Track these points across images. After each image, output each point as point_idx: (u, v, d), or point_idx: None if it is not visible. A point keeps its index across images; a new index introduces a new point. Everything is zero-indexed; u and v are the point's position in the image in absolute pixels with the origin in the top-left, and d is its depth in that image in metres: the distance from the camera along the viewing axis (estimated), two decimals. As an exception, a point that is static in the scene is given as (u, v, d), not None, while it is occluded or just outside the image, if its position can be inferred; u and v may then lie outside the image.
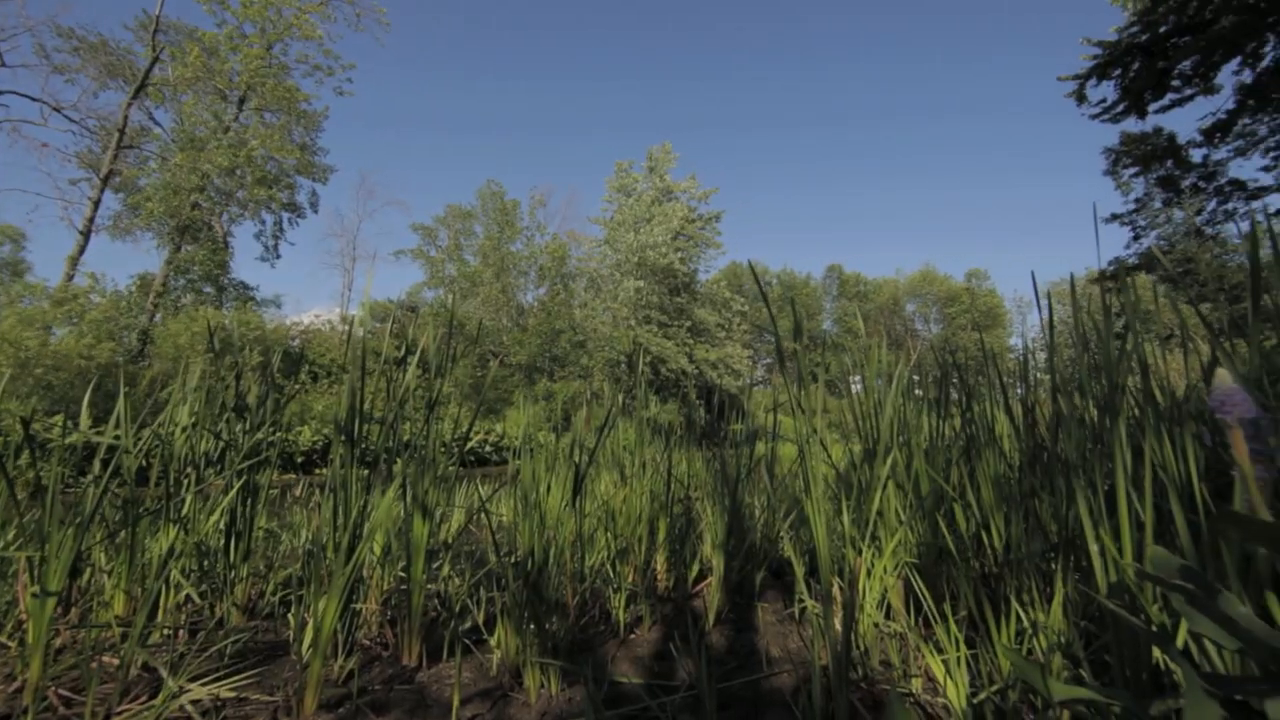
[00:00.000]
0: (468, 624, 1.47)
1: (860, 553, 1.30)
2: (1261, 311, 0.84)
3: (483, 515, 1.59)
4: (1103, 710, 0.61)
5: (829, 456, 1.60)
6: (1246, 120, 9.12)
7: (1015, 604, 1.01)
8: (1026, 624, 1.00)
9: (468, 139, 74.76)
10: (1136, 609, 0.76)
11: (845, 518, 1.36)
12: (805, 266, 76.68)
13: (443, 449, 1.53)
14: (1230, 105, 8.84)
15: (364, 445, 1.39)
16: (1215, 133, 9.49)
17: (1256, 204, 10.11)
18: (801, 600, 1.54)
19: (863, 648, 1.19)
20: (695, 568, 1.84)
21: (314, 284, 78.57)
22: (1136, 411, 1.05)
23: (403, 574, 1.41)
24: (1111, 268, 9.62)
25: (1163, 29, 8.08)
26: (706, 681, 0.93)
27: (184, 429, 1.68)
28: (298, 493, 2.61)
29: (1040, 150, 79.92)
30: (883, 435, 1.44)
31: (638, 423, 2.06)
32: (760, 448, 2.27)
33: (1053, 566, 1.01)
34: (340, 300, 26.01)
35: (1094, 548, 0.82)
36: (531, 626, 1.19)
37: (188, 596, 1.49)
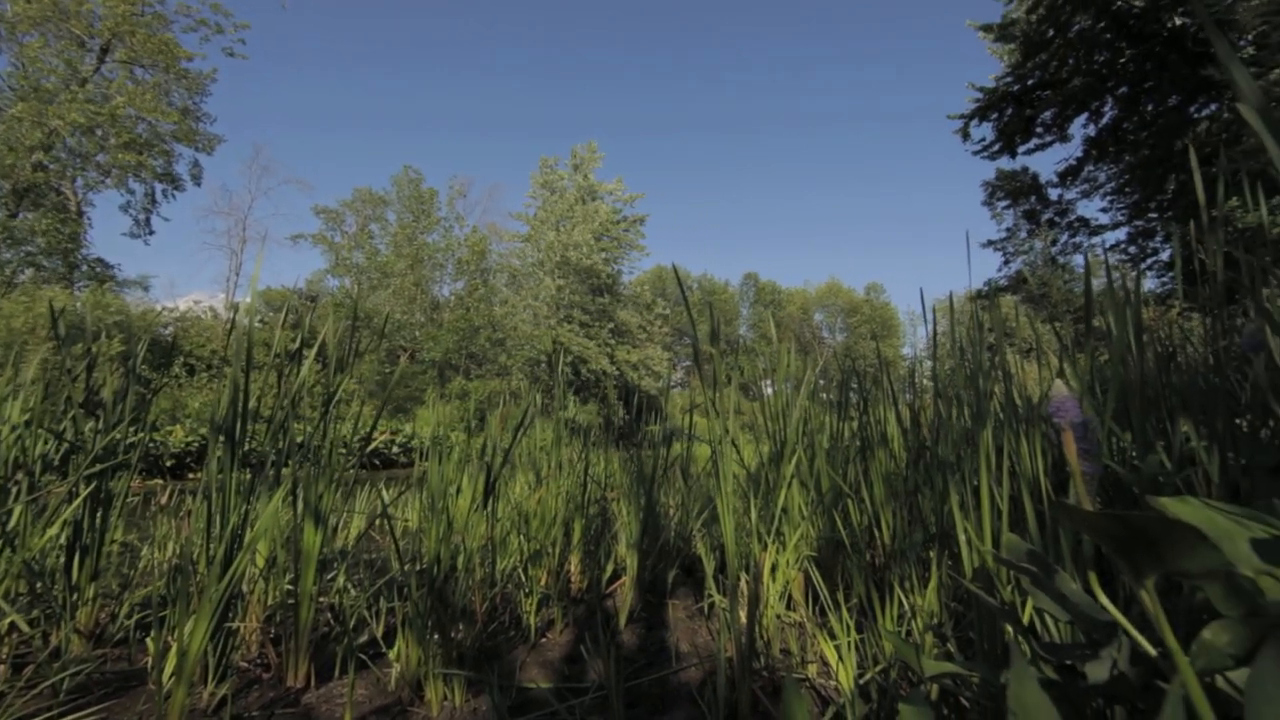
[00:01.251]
0: (364, 638, 1.38)
1: (766, 548, 1.37)
2: (1094, 331, 0.99)
3: (385, 521, 1.50)
4: (965, 681, 0.69)
5: (740, 456, 1.67)
6: (1091, 167, 10.73)
7: (898, 590, 1.10)
8: (907, 608, 1.10)
9: (383, 129, 69.62)
10: (994, 590, 0.86)
11: (753, 514, 1.42)
12: (724, 273, 79.43)
13: (343, 450, 1.41)
14: (1079, 154, 10.37)
15: (248, 446, 1.25)
16: (1067, 176, 11.08)
17: (1096, 240, 11.92)
18: (710, 596, 1.59)
19: (765, 638, 1.25)
20: (610, 568, 1.84)
21: (194, 266, 69.73)
22: (1001, 415, 1.19)
23: (290, 587, 1.29)
24: (985, 288, 10.90)
25: (1030, 82, 9.31)
26: (615, 681, 0.94)
27: (14, 428, 1.43)
28: (164, 500, 2.30)
29: (937, 167, 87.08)
30: (789, 436, 1.53)
31: (555, 423, 2.03)
32: (676, 448, 2.32)
33: (930, 555, 1.12)
34: (225, 285, 23.13)
35: (962, 537, 0.92)
36: (435, 636, 1.13)
37: (12, 625, 1.27)
